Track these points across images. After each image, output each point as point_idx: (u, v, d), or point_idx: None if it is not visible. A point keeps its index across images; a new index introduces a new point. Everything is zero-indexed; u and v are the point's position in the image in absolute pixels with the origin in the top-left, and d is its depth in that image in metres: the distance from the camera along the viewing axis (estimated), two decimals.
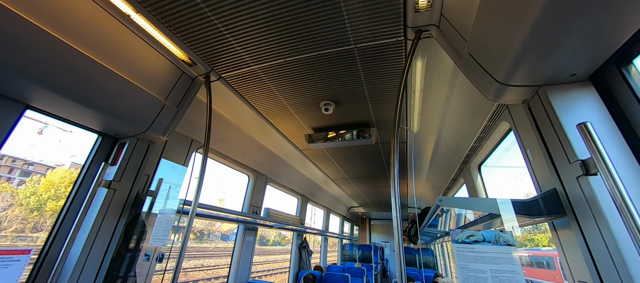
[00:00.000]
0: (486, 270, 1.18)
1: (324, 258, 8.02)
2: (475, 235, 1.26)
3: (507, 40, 1.14)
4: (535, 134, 1.42)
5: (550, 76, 1.23)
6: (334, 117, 3.17)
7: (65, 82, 1.64)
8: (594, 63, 1.13)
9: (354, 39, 1.93)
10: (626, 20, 0.95)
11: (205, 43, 1.99)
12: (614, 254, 0.99)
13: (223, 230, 41.93)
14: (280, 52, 2.09)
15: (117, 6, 1.64)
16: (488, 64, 1.36)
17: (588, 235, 1.12)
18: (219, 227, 38.88)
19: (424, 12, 1.64)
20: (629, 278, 0.93)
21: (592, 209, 1.08)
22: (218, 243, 34.36)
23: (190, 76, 2.33)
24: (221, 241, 38.80)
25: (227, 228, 41.94)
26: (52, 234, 1.93)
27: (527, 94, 1.39)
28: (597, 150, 0.95)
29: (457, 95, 2.42)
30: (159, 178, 2.49)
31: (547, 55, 1.12)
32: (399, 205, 1.42)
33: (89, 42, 1.65)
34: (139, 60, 1.93)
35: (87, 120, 2.02)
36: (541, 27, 1.01)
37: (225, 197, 60.13)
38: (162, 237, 2.02)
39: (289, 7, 1.67)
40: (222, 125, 3.06)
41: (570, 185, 1.20)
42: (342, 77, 2.41)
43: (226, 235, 42.28)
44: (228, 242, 39.84)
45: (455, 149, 3.25)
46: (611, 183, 0.90)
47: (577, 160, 1.13)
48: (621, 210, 0.87)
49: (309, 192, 6.26)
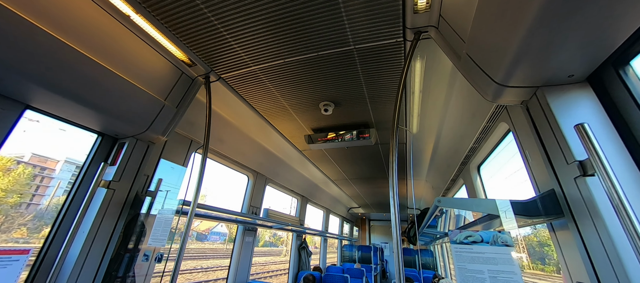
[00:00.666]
0: (484, 271, 1.18)
1: (324, 259, 8.02)
2: (473, 236, 1.26)
3: (505, 41, 1.15)
4: (533, 134, 1.42)
5: (548, 77, 1.23)
6: (333, 117, 3.17)
7: (65, 82, 1.64)
8: (592, 64, 1.13)
9: (353, 39, 1.94)
10: (623, 22, 0.96)
11: (204, 44, 2.00)
12: (611, 255, 0.99)
13: (201, 229, 39.37)
14: (279, 53, 2.10)
15: (117, 7, 1.65)
16: (486, 65, 1.37)
17: (585, 236, 1.12)
18: (197, 225, 36.46)
19: (422, 13, 1.65)
20: (626, 279, 0.93)
21: (589, 210, 1.08)
22: (191, 243, 31.52)
23: (189, 76, 2.33)
24: (196, 241, 36.54)
25: (206, 227, 39.29)
26: (51, 234, 1.93)
27: (525, 95, 1.40)
28: (594, 151, 0.96)
29: (456, 96, 2.42)
30: (158, 179, 2.49)
31: (545, 57, 1.13)
32: (398, 206, 1.43)
33: (89, 43, 1.65)
34: (138, 61, 1.94)
35: (86, 121, 2.02)
36: (538, 29, 1.01)
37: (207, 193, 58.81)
38: (161, 237, 2.03)
39: (288, 8, 1.68)
40: (221, 125, 3.07)
41: (568, 186, 1.20)
42: (342, 78, 2.41)
43: (203, 234, 39.80)
44: (205, 242, 37.38)
45: (455, 150, 3.25)
46: (608, 184, 0.91)
47: (574, 161, 1.14)
48: (618, 211, 0.87)
49: (309, 192, 6.26)
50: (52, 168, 29.76)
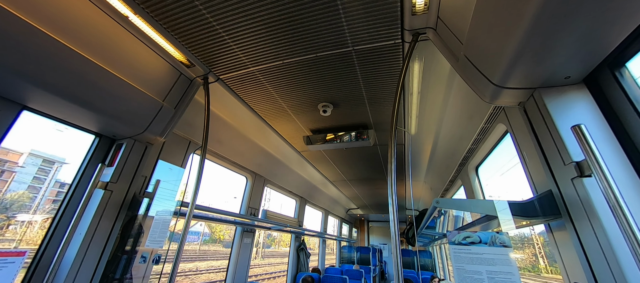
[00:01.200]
0: (482, 272, 1.19)
1: (322, 260, 8.00)
2: (471, 237, 1.26)
3: (502, 43, 1.16)
4: (531, 136, 1.43)
5: (545, 79, 1.24)
6: (332, 118, 3.18)
7: (63, 83, 1.63)
8: (588, 66, 1.14)
9: (351, 41, 1.95)
10: (618, 24, 0.97)
11: (203, 45, 1.99)
12: (608, 255, 1.00)
13: (177, 229, 38.14)
14: (278, 54, 2.10)
15: (116, 8, 1.64)
16: (484, 67, 1.37)
17: (583, 236, 1.13)
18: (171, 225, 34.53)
19: (421, 15, 1.66)
20: (623, 279, 0.94)
21: (586, 211, 1.09)
22: None
23: (188, 77, 2.33)
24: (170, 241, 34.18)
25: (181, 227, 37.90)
26: (47, 236, 1.92)
27: (523, 96, 1.41)
28: (591, 152, 0.97)
29: (454, 97, 2.43)
30: (156, 180, 2.48)
31: (542, 58, 1.14)
32: (397, 207, 1.43)
33: (87, 44, 1.64)
34: (137, 62, 1.93)
35: (84, 122, 2.01)
36: (535, 31, 1.02)
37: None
38: (159, 239, 2.01)
39: (287, 9, 1.68)
40: (220, 126, 3.06)
41: (565, 187, 1.21)
42: (340, 79, 2.42)
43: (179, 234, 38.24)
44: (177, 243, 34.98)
45: (453, 151, 3.26)
46: (605, 185, 0.91)
47: (571, 162, 1.14)
48: (615, 211, 0.88)
49: (307, 193, 6.25)
50: (14, 162, 28.86)
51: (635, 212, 0.98)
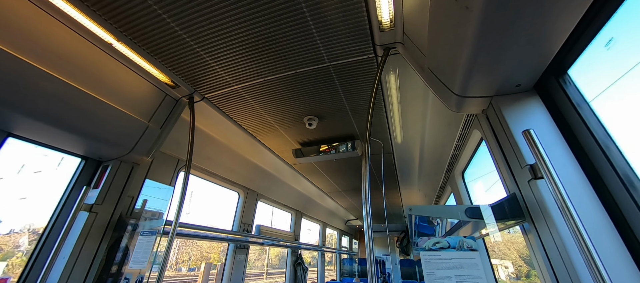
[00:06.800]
0: (452, 276, 1.21)
1: (322, 275, 7.83)
2: (441, 242, 1.29)
3: (456, 55, 1.24)
4: (494, 141, 1.50)
5: (498, 87, 1.32)
6: (318, 131, 3.24)
7: (49, 110, 1.69)
8: (535, 74, 1.23)
9: (328, 57, 2.04)
10: (554, 33, 1.05)
11: (186, 67, 2.08)
12: (563, 254, 1.03)
13: None
14: (259, 72, 2.19)
15: (99, 36, 1.73)
16: (445, 78, 1.46)
17: (542, 237, 1.17)
18: None
19: (388, 31, 1.76)
20: (577, 277, 0.97)
21: (542, 212, 1.13)
22: None
23: (173, 98, 2.41)
24: None
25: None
26: (30, 260, 1.92)
27: (483, 104, 1.48)
28: (539, 155, 1.02)
29: (432, 105, 2.52)
30: (143, 200, 2.50)
31: (492, 69, 1.22)
32: (371, 217, 1.47)
33: (72, 71, 1.72)
34: (122, 85, 2.01)
35: (70, 146, 2.06)
36: (481, 43, 1.10)
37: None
38: (142, 259, 2.01)
39: (262, 29, 1.78)
40: (208, 143, 3.11)
41: (525, 189, 1.26)
42: (322, 93, 2.51)
43: None
44: None
45: (438, 158, 3.32)
46: (553, 186, 0.96)
47: (526, 165, 1.20)
48: (563, 211, 0.92)
49: (303, 206, 6.22)
50: None
51: (585, 211, 1.03)
